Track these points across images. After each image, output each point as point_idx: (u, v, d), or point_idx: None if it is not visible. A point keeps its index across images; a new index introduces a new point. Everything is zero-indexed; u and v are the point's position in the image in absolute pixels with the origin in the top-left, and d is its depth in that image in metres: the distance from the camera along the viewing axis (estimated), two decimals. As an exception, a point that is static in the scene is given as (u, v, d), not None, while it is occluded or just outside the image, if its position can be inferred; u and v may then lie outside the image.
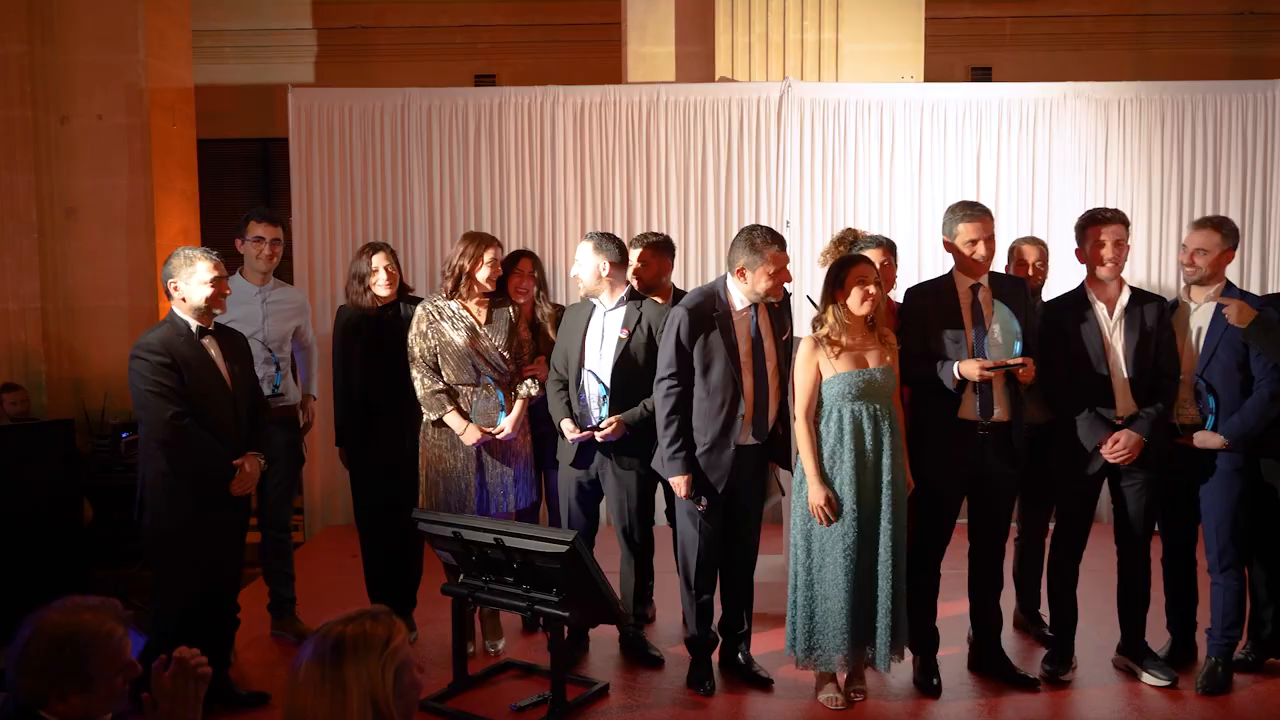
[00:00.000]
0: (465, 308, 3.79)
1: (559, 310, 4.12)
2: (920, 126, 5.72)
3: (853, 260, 3.38)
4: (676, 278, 5.42)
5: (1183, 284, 3.67)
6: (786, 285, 3.52)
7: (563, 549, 3.24)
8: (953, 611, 3.87)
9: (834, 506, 3.30)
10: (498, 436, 3.76)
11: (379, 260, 3.89)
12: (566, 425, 3.70)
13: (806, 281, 5.28)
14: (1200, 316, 3.53)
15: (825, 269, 3.54)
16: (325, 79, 7.86)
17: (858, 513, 3.30)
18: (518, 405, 3.79)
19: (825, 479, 3.32)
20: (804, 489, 3.36)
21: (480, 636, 3.96)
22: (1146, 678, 3.60)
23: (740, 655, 3.68)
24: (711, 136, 5.71)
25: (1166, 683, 3.56)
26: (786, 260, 3.44)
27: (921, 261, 5.59)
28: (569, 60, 7.73)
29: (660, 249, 4.06)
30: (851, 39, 6.02)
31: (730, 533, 3.58)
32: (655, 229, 5.55)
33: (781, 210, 5.68)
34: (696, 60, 6.15)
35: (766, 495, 3.77)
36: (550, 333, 4.03)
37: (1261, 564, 3.66)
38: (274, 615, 4.12)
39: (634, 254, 3.95)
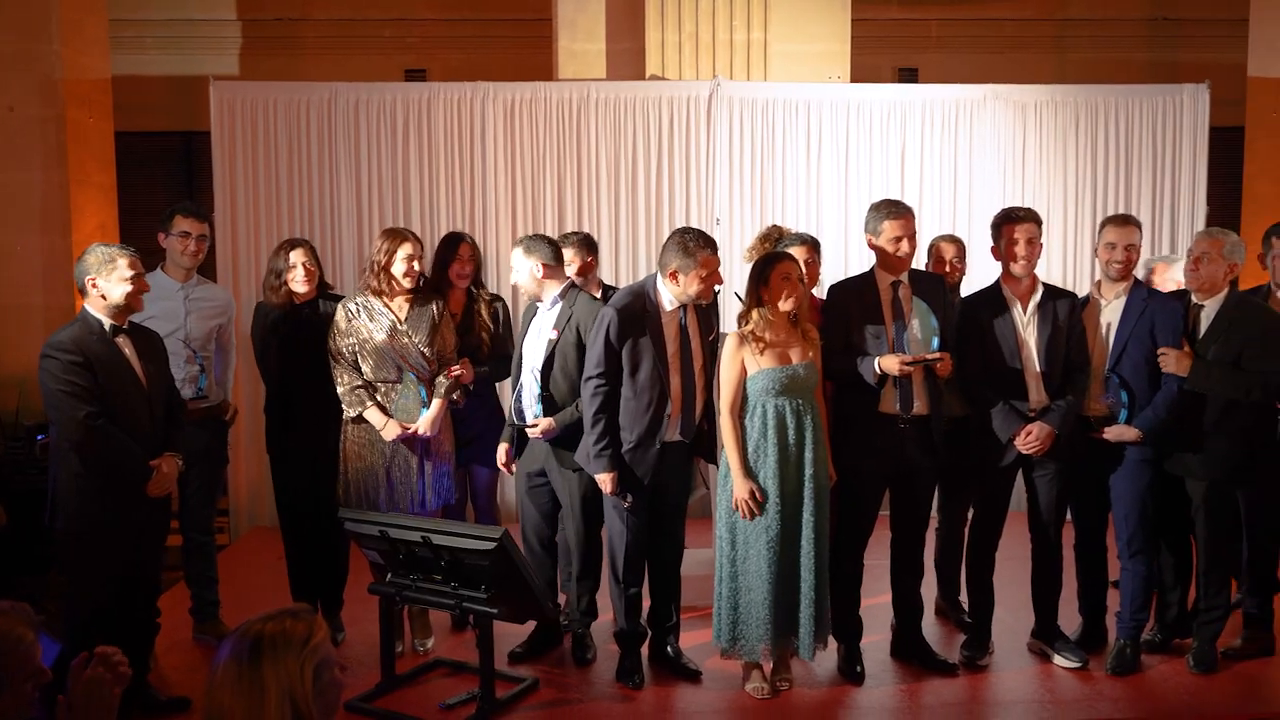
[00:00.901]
0: (386, 304, 3.78)
1: (495, 302, 4.12)
2: (847, 126, 5.83)
3: (777, 257, 3.44)
4: (607, 275, 5.48)
5: (1097, 279, 3.79)
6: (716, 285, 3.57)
7: (491, 546, 3.24)
8: (876, 600, 3.97)
9: (758, 500, 3.36)
10: (416, 434, 3.74)
11: (297, 257, 3.84)
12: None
13: (736, 278, 5.34)
14: (1111, 312, 3.65)
15: (750, 266, 3.59)
16: (250, 71, 7.69)
17: (781, 506, 3.37)
18: (436, 403, 3.77)
19: (749, 473, 3.38)
20: (729, 483, 3.42)
21: (409, 636, 3.94)
22: (1058, 660, 3.74)
23: (669, 648, 3.72)
24: (642, 134, 5.74)
25: (1077, 664, 3.70)
26: (718, 263, 3.49)
27: (848, 258, 5.70)
28: (501, 56, 7.68)
29: (582, 246, 4.09)
30: (779, 39, 6.10)
31: (657, 527, 3.62)
32: (586, 226, 5.59)
33: (711, 208, 5.74)
34: (627, 58, 6.18)
35: (691, 490, 3.82)
36: (487, 326, 4.03)
37: (1168, 550, 3.82)
38: (196, 619, 4.04)
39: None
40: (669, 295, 3.50)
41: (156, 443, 3.28)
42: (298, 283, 3.83)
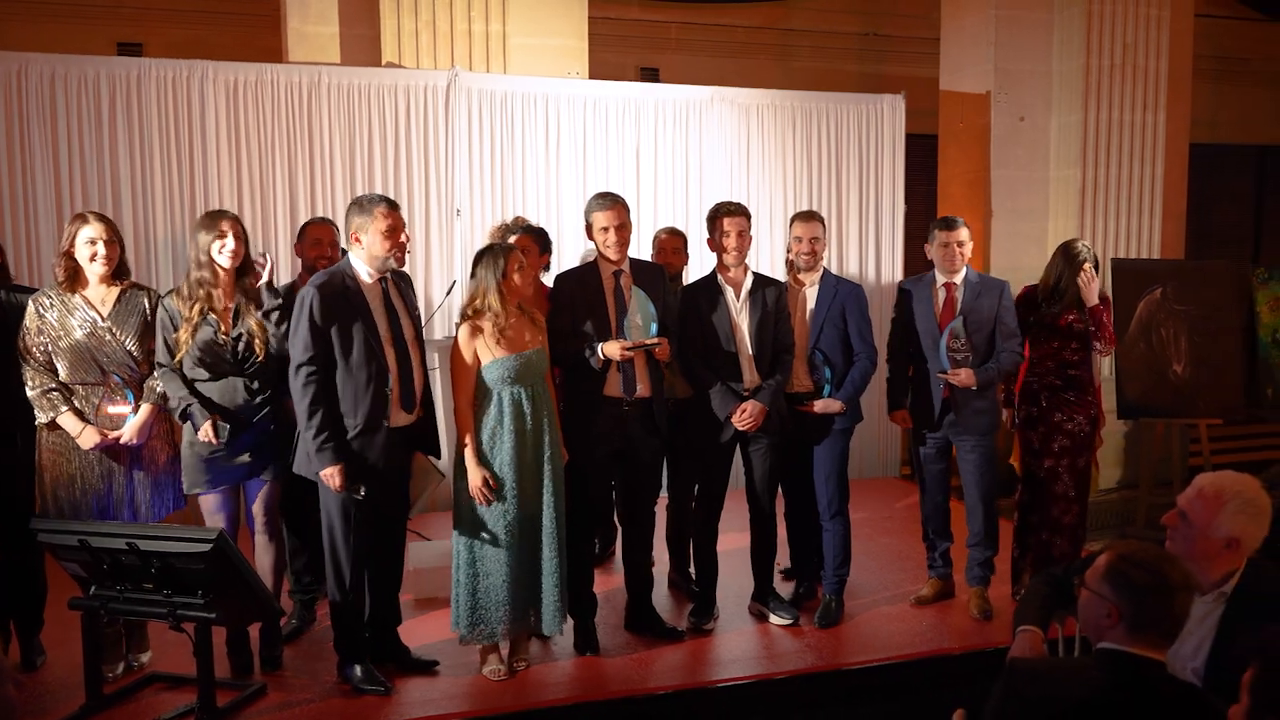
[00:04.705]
0: (84, 297, 3.48)
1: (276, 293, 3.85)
2: (584, 121, 5.97)
3: (485, 249, 3.52)
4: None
5: (794, 269, 4.14)
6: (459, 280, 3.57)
7: (206, 548, 3.09)
8: (611, 575, 4.14)
9: (492, 487, 3.41)
10: (121, 442, 3.47)
11: None
12: None
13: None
14: (808, 297, 4.02)
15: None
16: (-73, 37, 6.81)
17: (519, 491, 3.44)
18: (144, 409, 3.49)
19: (484, 460, 3.42)
20: (465, 472, 3.44)
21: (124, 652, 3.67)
22: (774, 619, 4.06)
23: (398, 642, 3.68)
24: (378, 122, 5.61)
25: (790, 621, 4.04)
26: (400, 220, 3.40)
27: (586, 250, 5.85)
28: (230, 34, 7.24)
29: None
30: (518, 32, 6.16)
31: (379, 523, 3.50)
32: (321, 215, 5.39)
33: (451, 198, 5.72)
34: (362, 43, 6.01)
35: (424, 484, 3.77)
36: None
37: None
38: None
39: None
40: (363, 267, 3.38)
41: None
42: None
